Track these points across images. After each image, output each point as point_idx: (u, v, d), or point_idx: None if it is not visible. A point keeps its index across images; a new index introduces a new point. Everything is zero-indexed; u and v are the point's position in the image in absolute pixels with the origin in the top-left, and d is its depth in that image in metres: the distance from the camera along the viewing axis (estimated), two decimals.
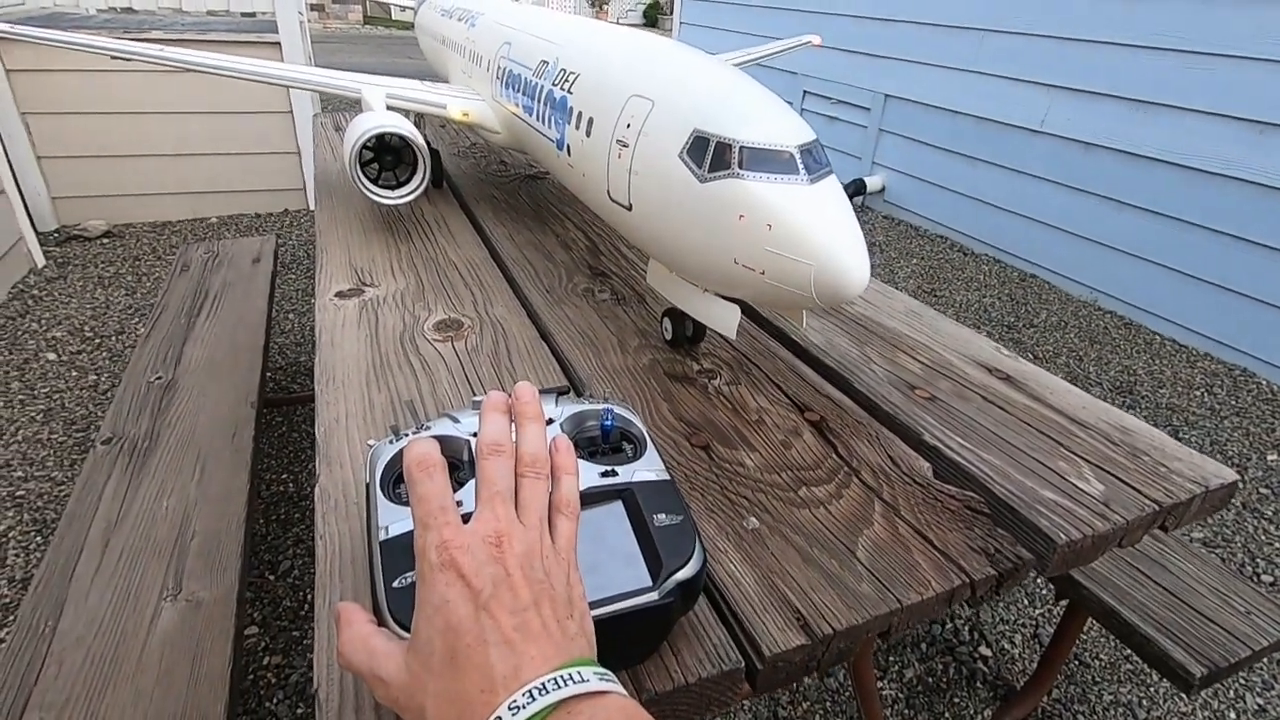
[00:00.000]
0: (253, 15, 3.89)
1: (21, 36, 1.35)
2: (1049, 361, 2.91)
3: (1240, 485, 2.23)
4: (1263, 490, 2.20)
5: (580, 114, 0.87)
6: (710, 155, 0.66)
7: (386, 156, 1.22)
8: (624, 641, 0.46)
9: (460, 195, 1.52)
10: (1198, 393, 2.73)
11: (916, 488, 0.69)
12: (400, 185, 1.23)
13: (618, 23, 20.55)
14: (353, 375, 0.83)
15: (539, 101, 1.02)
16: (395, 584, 0.43)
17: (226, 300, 1.88)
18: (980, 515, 0.65)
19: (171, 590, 1.02)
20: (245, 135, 3.90)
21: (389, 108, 1.29)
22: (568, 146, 0.92)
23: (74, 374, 2.48)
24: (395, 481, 0.50)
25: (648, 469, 0.52)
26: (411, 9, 2.23)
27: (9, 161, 3.40)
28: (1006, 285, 3.62)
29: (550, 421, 0.54)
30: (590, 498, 0.49)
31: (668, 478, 0.52)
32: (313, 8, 14.69)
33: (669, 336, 0.92)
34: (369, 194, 1.19)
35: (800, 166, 0.64)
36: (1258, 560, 1.92)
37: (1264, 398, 2.70)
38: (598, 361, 0.89)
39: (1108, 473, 0.72)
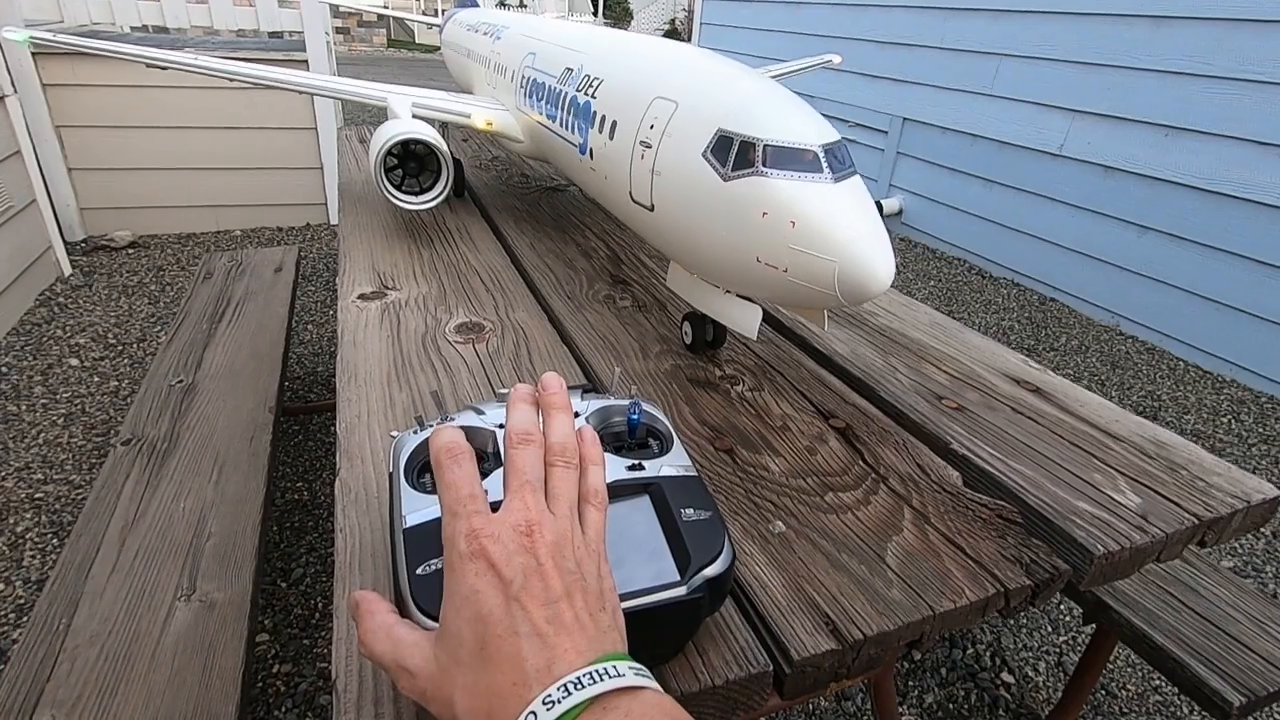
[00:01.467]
0: (280, 35, 3.98)
1: (65, 44, 1.38)
2: None
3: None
4: None
5: (604, 118, 0.88)
6: (734, 154, 0.66)
7: (410, 164, 1.23)
8: (650, 638, 0.45)
9: (482, 205, 1.53)
10: (1224, 419, 2.68)
11: (946, 496, 0.67)
12: (423, 191, 1.24)
13: None
14: (375, 373, 0.83)
15: (562, 108, 1.03)
16: (419, 571, 0.42)
17: (248, 308, 1.90)
18: (1013, 525, 0.64)
19: (186, 590, 1.01)
20: (270, 151, 3.97)
21: (414, 117, 1.31)
22: (590, 150, 0.92)
23: (96, 379, 2.51)
24: (419, 471, 0.50)
25: (675, 464, 0.51)
26: (438, 27, 2.27)
27: (42, 173, 3.48)
28: (1026, 309, 3.59)
29: (576, 415, 0.54)
30: (617, 491, 0.48)
31: (695, 474, 0.51)
32: (338, 31, 15.05)
33: (689, 341, 0.91)
34: (393, 199, 1.20)
35: (824, 165, 0.64)
36: None
37: None
38: (620, 366, 0.88)
39: (1144, 486, 0.70)
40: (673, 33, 18.86)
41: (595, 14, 21.37)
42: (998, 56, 3.79)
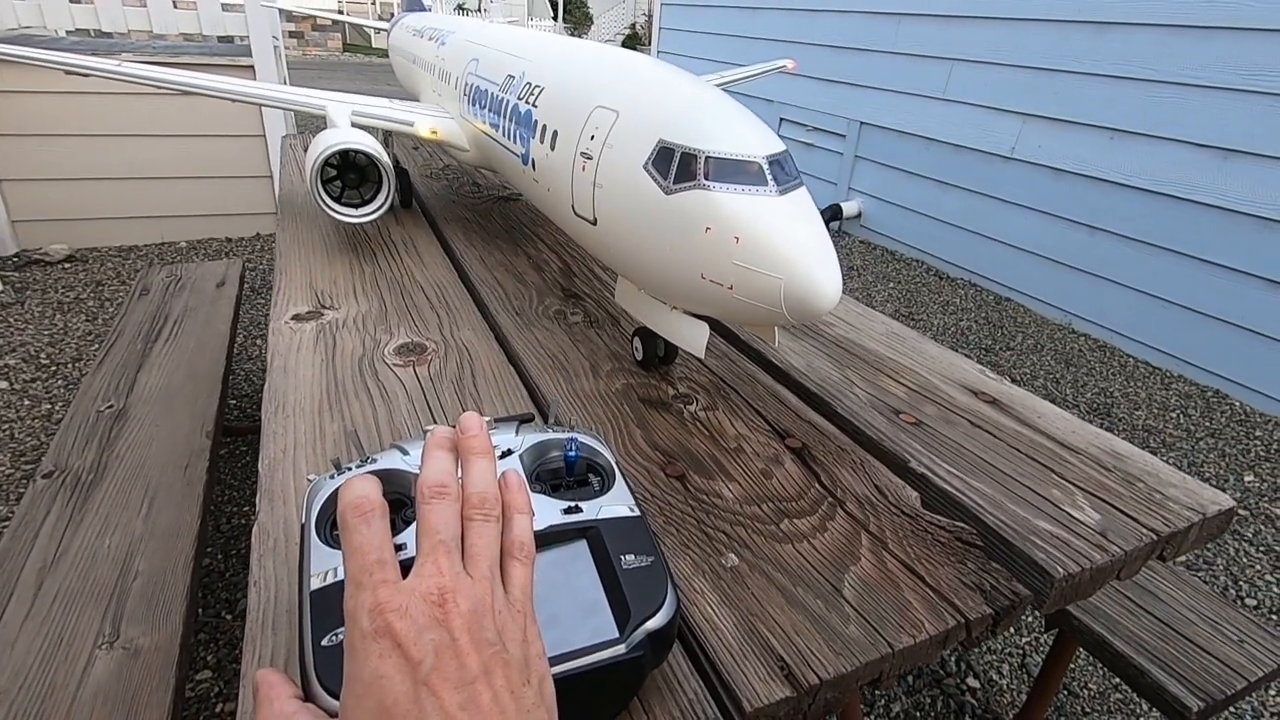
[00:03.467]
0: (230, 39, 3.86)
1: None
2: (1026, 384, 2.91)
3: None
4: (1241, 512, 2.20)
5: (545, 127, 0.84)
6: (676, 166, 0.63)
7: (350, 174, 1.17)
8: (589, 701, 0.41)
9: (430, 216, 1.47)
10: (1173, 414, 2.75)
11: (905, 518, 0.65)
12: (364, 204, 1.18)
13: None
14: (305, 403, 0.77)
15: (505, 117, 0.99)
16: (325, 642, 0.37)
17: (187, 325, 1.81)
18: (972, 548, 0.62)
19: (108, 637, 0.94)
20: (216, 159, 3.83)
21: (356, 125, 1.25)
22: (533, 161, 0.88)
23: (26, 403, 2.38)
24: (333, 523, 0.45)
25: (616, 504, 0.48)
26: (385, 31, 2.20)
27: None
28: (983, 309, 3.65)
29: (508, 453, 0.50)
30: (551, 537, 0.44)
31: (638, 513, 0.48)
32: (292, 35, 14.73)
33: (640, 357, 0.88)
34: (331, 212, 1.14)
35: (769, 177, 0.61)
36: (1240, 584, 1.90)
37: (1237, 419, 2.72)
38: (568, 387, 0.84)
39: (1103, 500, 0.69)
40: (633, 38, 18.90)
41: (555, 19, 21.31)
42: (950, 61, 3.85)
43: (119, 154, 3.63)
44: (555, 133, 0.81)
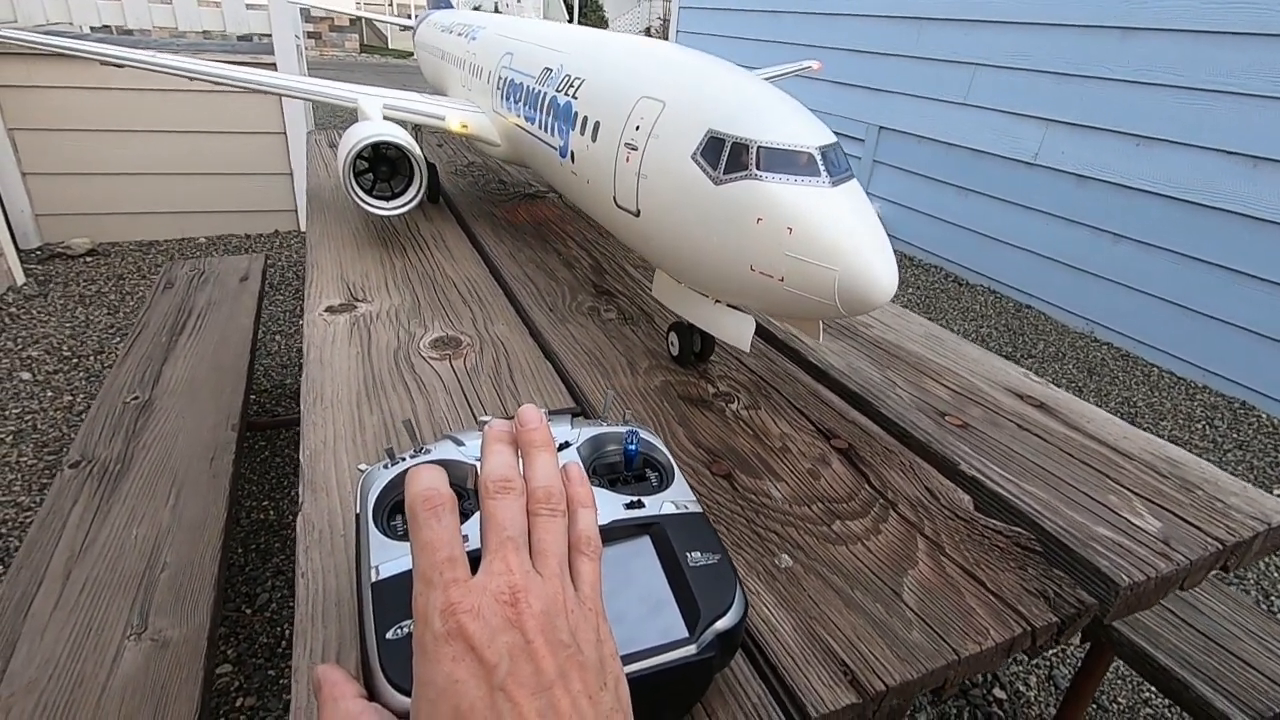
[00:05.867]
0: (249, 38, 3.88)
1: (20, 40, 1.30)
2: None
3: None
4: None
5: (586, 119, 0.83)
6: (726, 156, 0.61)
7: (381, 167, 1.17)
8: (655, 703, 0.39)
9: (458, 212, 1.47)
10: (1199, 425, 2.70)
11: (960, 522, 0.63)
12: (395, 196, 1.18)
13: None
14: (343, 394, 0.76)
15: (541, 110, 0.98)
16: (390, 635, 0.36)
17: (210, 319, 1.81)
18: (1032, 554, 0.60)
19: (136, 628, 0.93)
20: (237, 156, 3.85)
21: (385, 119, 1.25)
22: (571, 153, 0.87)
23: (49, 394, 2.39)
24: (390, 512, 0.44)
25: (677, 499, 0.46)
26: (410, 29, 2.21)
27: None
28: (1003, 316, 3.61)
29: (565, 446, 0.48)
30: (614, 533, 0.43)
31: (699, 510, 0.46)
32: (309, 36, 14.85)
33: (675, 352, 0.86)
34: (363, 204, 1.13)
35: (821, 168, 0.60)
36: (1272, 598, 1.86)
37: (1265, 431, 2.67)
38: (607, 383, 0.83)
39: (1162, 508, 0.67)
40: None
41: (570, 20, 21.39)
42: (972, 66, 3.82)
43: (141, 149, 3.66)
44: (597, 124, 0.80)
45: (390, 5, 17.44)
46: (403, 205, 1.16)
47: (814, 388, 0.86)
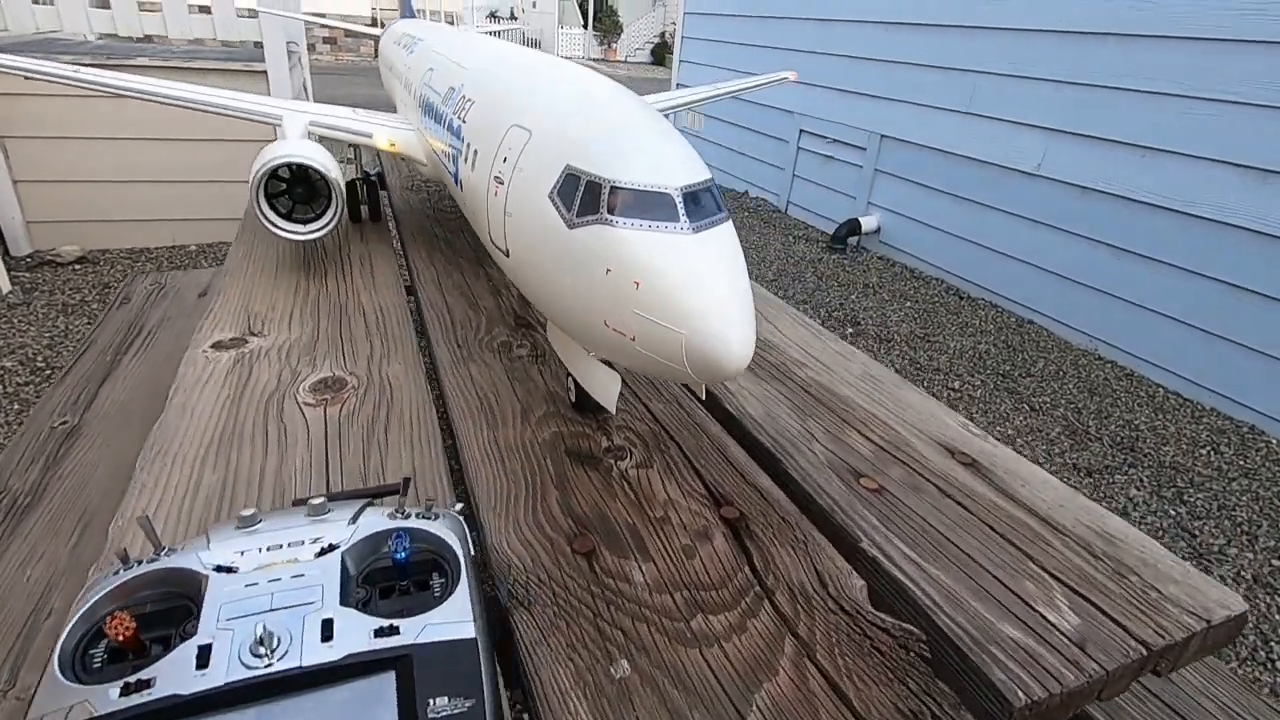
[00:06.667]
0: (232, 44, 3.87)
1: (9, 69, 1.25)
2: (1046, 414, 2.76)
3: (1250, 558, 2.07)
4: (1275, 562, 2.03)
5: (469, 145, 0.76)
6: (580, 196, 0.54)
7: (298, 189, 1.11)
8: None
9: (400, 231, 1.40)
10: (1203, 451, 2.58)
11: (843, 618, 0.55)
12: (317, 218, 1.12)
13: (625, 60, 20.86)
14: (191, 448, 0.70)
15: (446, 131, 0.91)
16: None
17: (160, 337, 1.76)
18: (919, 662, 0.51)
19: (4, 684, 0.87)
20: (229, 163, 3.83)
21: (313, 137, 1.19)
22: (461, 181, 0.80)
23: (16, 408, 2.36)
24: (91, 640, 0.37)
25: (450, 620, 0.39)
26: (376, 38, 2.16)
27: None
28: (1003, 331, 3.49)
29: (329, 549, 0.41)
30: (351, 670, 0.36)
31: (471, 635, 0.39)
32: (326, 41, 14.98)
33: (573, 399, 0.79)
34: (273, 229, 1.07)
35: (681, 213, 0.52)
36: (1271, 644, 1.75)
37: (1274, 458, 2.54)
38: (490, 435, 0.76)
39: (1085, 599, 0.58)
40: (662, 46, 18.89)
41: (585, 26, 21.41)
42: (974, 74, 3.71)
43: (134, 157, 3.65)
44: (476, 152, 0.73)
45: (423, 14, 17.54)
46: (317, 230, 1.09)
47: (721, 441, 0.78)
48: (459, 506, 0.49)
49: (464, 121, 0.81)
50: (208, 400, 0.78)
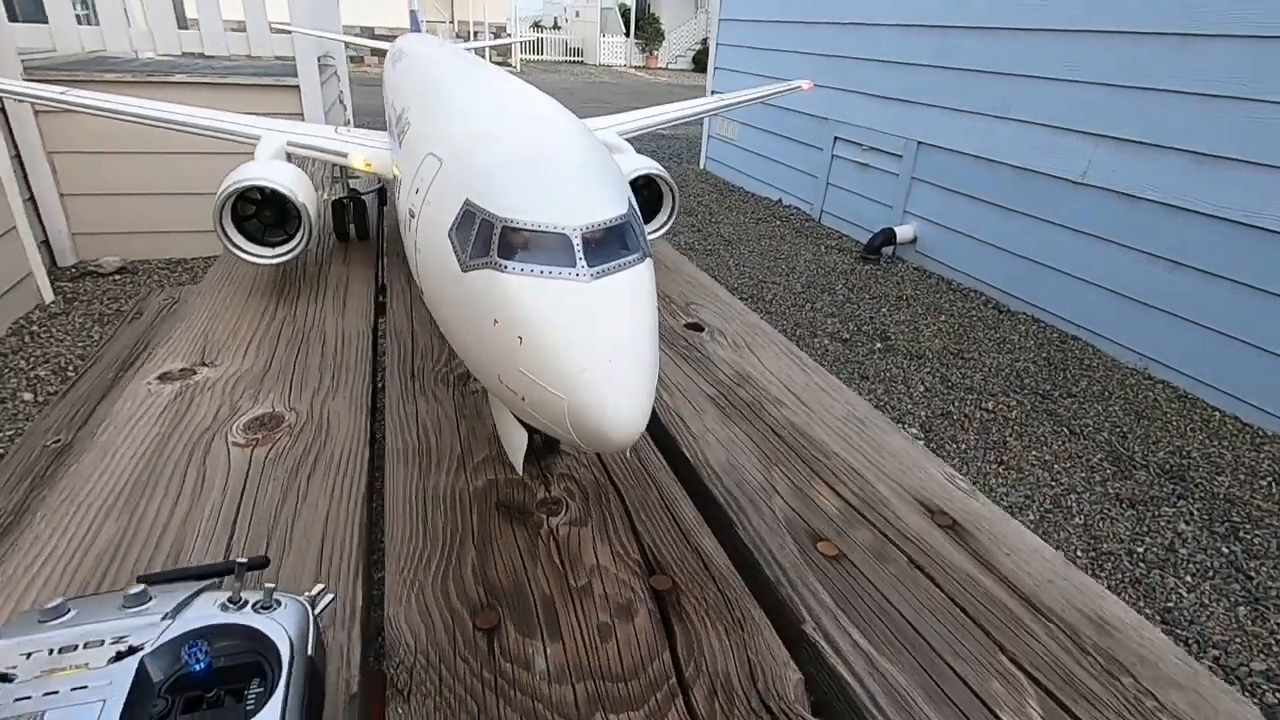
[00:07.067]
0: (255, 58, 3.95)
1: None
2: (1087, 438, 2.59)
3: None
4: None
5: (397, 172, 0.71)
6: (475, 236, 0.48)
7: (266, 211, 1.08)
8: None
9: (383, 252, 1.37)
10: (1264, 482, 2.38)
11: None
12: (288, 240, 1.09)
13: (666, 68, 20.86)
14: (100, 494, 0.66)
15: (393, 153, 0.86)
16: None
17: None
18: None
19: None
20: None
21: (289, 157, 1.17)
22: (397, 208, 0.76)
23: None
24: None
25: None
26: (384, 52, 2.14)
27: (28, 198, 3.47)
28: (1044, 347, 3.31)
29: (128, 653, 0.36)
30: None
31: None
32: (375, 52, 15.37)
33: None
34: (239, 254, 1.05)
35: (579, 257, 0.46)
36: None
37: None
38: (421, 483, 0.70)
39: (1063, 708, 0.49)
40: (704, 53, 18.84)
41: (627, 35, 21.50)
42: (1014, 78, 3.55)
43: (171, 170, 3.75)
44: (400, 180, 0.68)
45: (452, 24, 17.91)
46: (284, 254, 1.06)
47: (671, 494, 0.71)
48: (317, 589, 0.44)
49: (400, 145, 0.76)
50: (135, 440, 0.75)
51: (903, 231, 4.36)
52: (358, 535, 0.62)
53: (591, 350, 0.43)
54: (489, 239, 0.47)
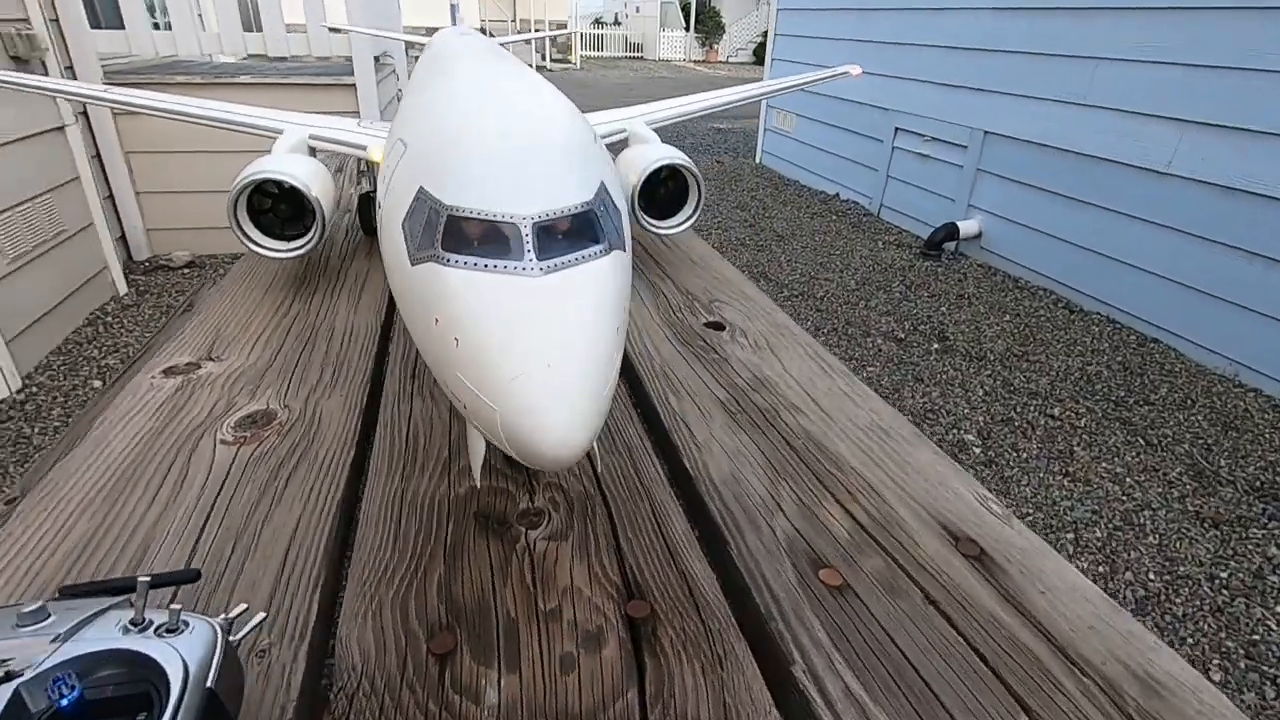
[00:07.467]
0: (327, 59, 4.06)
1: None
2: (1165, 449, 2.39)
3: None
4: None
5: (381, 160, 0.68)
6: (423, 226, 0.44)
7: (281, 205, 1.07)
8: None
9: None
10: None
11: None
12: (305, 234, 1.08)
13: (726, 61, 20.59)
14: (81, 490, 0.65)
15: None
16: None
17: None
18: None
19: None
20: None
21: (311, 150, 1.17)
22: None
23: None
24: None
25: None
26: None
27: (106, 196, 3.66)
28: (1120, 350, 3.08)
29: (7, 678, 0.33)
30: None
31: None
32: None
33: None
34: (253, 248, 1.04)
35: (528, 250, 0.40)
36: None
37: None
38: (401, 487, 0.67)
39: None
40: (764, 46, 18.53)
41: (687, 29, 21.35)
42: (1093, 60, 3.31)
43: (235, 168, 3.89)
44: (377, 168, 0.64)
45: (514, 21, 18.15)
46: (298, 248, 1.05)
47: (664, 510, 0.65)
48: (238, 609, 0.40)
49: (390, 132, 0.72)
50: (127, 435, 0.74)
51: (966, 226, 4.15)
52: (325, 543, 0.59)
53: (529, 355, 0.38)
54: (435, 229, 0.43)
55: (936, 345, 3.12)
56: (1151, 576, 1.89)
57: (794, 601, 0.54)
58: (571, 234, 0.43)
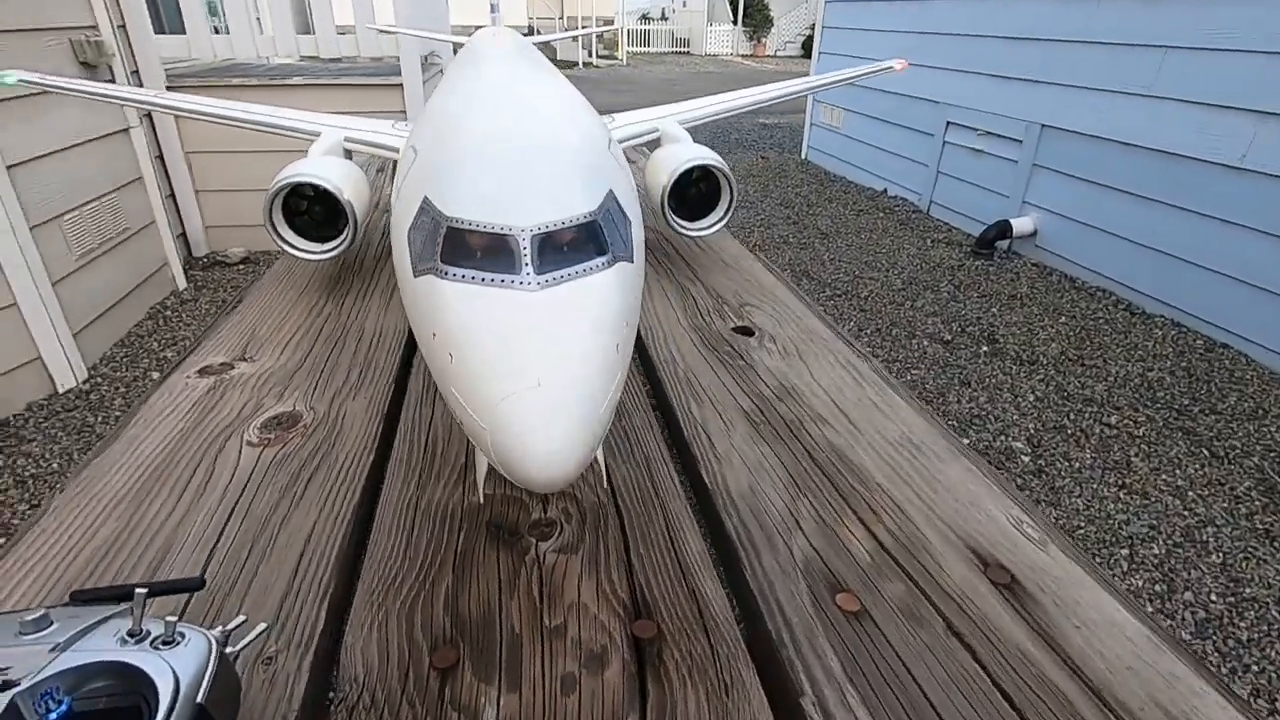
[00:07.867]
0: (380, 59, 4.14)
1: (48, 86, 1.38)
2: (1233, 462, 2.26)
3: None
4: None
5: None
6: (424, 236, 0.43)
7: (316, 208, 1.09)
8: None
9: None
10: None
11: None
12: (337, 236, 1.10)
13: (774, 55, 20.31)
14: (111, 490, 0.67)
15: None
16: None
17: None
18: None
19: None
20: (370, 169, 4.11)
21: (347, 153, 1.18)
22: None
23: None
24: None
25: None
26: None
27: (168, 195, 3.82)
28: (1185, 356, 2.92)
29: (5, 687, 0.34)
30: None
31: None
32: None
33: None
34: (287, 249, 1.06)
35: (526, 263, 0.39)
36: None
37: None
38: (415, 495, 0.67)
39: None
40: (813, 38, 18.21)
41: (735, 22, 21.13)
42: (1160, 49, 3.14)
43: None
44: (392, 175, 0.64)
45: (561, 19, 18.25)
46: (331, 250, 1.07)
47: (678, 524, 0.64)
48: (237, 621, 0.40)
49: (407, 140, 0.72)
50: (159, 434, 0.76)
51: (1020, 224, 4.00)
52: (337, 550, 0.60)
53: (519, 373, 0.37)
54: (435, 240, 0.42)
55: (985, 348, 3.01)
56: (1214, 597, 1.78)
57: (807, 627, 0.52)
58: (575, 245, 0.42)
